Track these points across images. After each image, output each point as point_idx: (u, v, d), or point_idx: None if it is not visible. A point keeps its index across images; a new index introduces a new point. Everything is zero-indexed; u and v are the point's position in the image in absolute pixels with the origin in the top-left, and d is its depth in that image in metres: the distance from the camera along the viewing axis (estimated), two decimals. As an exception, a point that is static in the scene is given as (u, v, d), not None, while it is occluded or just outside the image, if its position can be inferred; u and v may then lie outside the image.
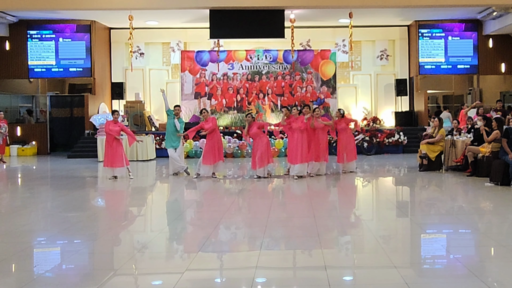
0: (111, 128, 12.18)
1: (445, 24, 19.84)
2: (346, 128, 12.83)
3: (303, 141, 11.86)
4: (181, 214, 8.74)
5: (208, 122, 12.26)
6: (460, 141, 12.60)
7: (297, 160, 11.83)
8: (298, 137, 11.84)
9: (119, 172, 12.20)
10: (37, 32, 19.52)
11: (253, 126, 12.06)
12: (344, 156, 12.75)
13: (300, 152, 11.82)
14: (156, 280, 5.16)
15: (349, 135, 12.95)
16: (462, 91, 22.05)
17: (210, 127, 12.16)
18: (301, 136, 11.84)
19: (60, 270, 5.48)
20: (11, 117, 21.55)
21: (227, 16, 17.19)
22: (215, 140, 12.25)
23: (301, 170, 11.89)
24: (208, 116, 12.46)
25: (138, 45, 20.31)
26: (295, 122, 11.94)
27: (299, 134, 11.85)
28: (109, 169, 12.15)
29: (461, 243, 6.45)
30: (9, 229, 7.17)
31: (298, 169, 11.86)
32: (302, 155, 11.83)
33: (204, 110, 12.72)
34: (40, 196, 10.64)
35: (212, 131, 12.20)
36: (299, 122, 11.88)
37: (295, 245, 6.33)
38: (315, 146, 12.09)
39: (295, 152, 11.88)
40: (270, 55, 20.20)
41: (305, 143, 11.87)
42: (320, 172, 12.33)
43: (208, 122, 12.26)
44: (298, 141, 11.84)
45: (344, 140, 12.78)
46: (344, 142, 12.77)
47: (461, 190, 10.68)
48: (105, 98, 20.43)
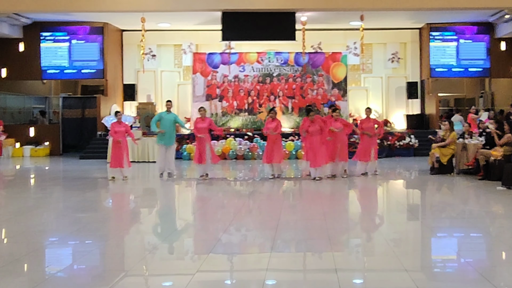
0: (117, 130, 12.25)
1: (457, 27, 19.74)
2: (372, 128, 12.70)
3: (323, 143, 11.93)
4: (192, 215, 8.78)
5: (204, 122, 12.20)
6: (471, 145, 12.53)
7: (319, 162, 11.86)
8: (317, 139, 11.85)
9: (126, 172, 12.26)
10: (51, 34, 19.67)
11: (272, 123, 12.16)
12: (370, 155, 12.60)
13: (321, 154, 11.86)
14: (167, 281, 5.20)
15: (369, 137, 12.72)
16: (474, 94, 21.95)
17: (205, 127, 12.10)
18: (319, 138, 11.87)
19: (72, 270, 5.53)
20: (24, 118, 21.77)
21: (239, 19, 17.22)
22: (204, 141, 12.12)
23: (323, 171, 11.96)
24: (205, 116, 12.39)
25: (150, 47, 20.38)
26: (312, 125, 11.90)
27: (317, 136, 11.85)
28: (114, 170, 12.23)
29: (473, 247, 6.41)
30: (22, 229, 7.25)
31: (320, 171, 11.96)
32: (324, 156, 11.90)
33: (202, 108, 12.59)
34: (53, 196, 10.73)
35: (205, 132, 12.10)
36: (318, 125, 11.95)
37: (306, 247, 6.34)
38: (333, 147, 12.12)
39: (316, 153, 11.90)
40: (281, 58, 20.21)
41: (325, 145, 11.94)
42: (335, 172, 12.30)
43: (205, 122, 12.20)
44: (317, 143, 11.86)
45: (365, 142, 12.68)
46: (367, 142, 12.66)
47: (472, 194, 10.62)
48: (117, 100, 20.55)
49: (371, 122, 12.74)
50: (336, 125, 12.14)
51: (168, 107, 13.02)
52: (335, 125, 12.13)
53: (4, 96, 20.89)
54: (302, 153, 16.99)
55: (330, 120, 12.34)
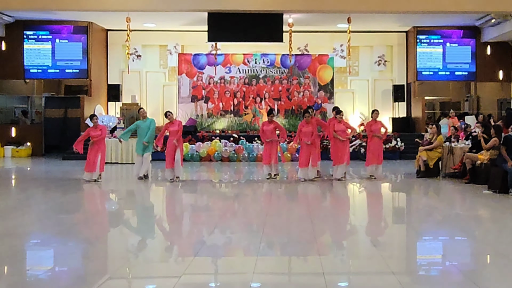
0: (92, 135, 11.99)
1: (443, 31, 19.84)
2: (378, 131, 12.58)
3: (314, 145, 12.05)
4: (177, 217, 8.66)
5: (174, 125, 12.03)
6: (458, 148, 12.56)
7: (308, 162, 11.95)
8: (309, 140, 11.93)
9: (90, 176, 12.03)
10: (34, 32, 19.40)
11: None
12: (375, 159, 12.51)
13: (313, 155, 11.98)
14: (151, 284, 5.10)
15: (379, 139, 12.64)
16: (459, 98, 22.08)
17: (176, 130, 11.91)
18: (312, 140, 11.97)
19: (54, 272, 5.39)
20: (6, 118, 21.42)
21: (225, 20, 17.12)
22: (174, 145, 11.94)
23: (312, 173, 12.07)
24: (174, 119, 12.19)
25: (135, 47, 20.21)
26: (306, 127, 12.04)
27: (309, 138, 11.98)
28: (88, 174, 11.99)
29: (458, 250, 6.41)
30: (3, 231, 7.09)
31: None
32: (314, 158, 12.01)
33: (168, 112, 12.32)
34: (34, 198, 10.53)
35: (177, 136, 11.92)
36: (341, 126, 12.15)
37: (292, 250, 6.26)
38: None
39: (306, 154, 11.98)
40: (267, 59, 20.15)
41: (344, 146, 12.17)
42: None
43: (174, 125, 12.03)
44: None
45: (376, 144, 12.59)
46: (375, 145, 12.56)
47: (458, 197, 10.63)
48: (101, 100, 20.32)
49: (379, 124, 12.63)
50: (340, 127, 12.15)
51: (143, 114, 12.73)
52: (339, 127, 12.13)
53: (-14, 96, 20.57)
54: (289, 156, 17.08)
55: (333, 122, 12.37)
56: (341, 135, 12.13)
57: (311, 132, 11.96)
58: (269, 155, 12.32)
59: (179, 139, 12.00)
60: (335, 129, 12.14)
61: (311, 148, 11.98)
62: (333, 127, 12.19)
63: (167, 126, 12.09)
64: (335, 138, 12.18)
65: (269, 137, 12.32)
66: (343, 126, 12.27)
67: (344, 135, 12.24)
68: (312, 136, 11.95)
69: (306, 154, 12.01)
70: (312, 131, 11.99)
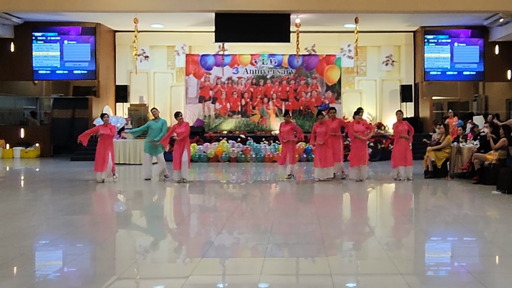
0: (103, 132, 12.06)
1: (451, 30, 19.77)
2: (405, 132, 12.46)
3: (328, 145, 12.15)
4: (185, 218, 8.67)
5: (181, 127, 12.07)
6: (466, 148, 12.49)
7: (324, 163, 12.06)
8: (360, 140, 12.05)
9: (101, 176, 12.10)
10: (42, 34, 19.53)
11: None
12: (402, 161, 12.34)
13: (328, 156, 12.09)
14: (159, 285, 5.11)
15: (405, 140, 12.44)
16: (467, 98, 21.99)
17: (183, 132, 11.97)
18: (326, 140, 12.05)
19: (63, 273, 5.42)
20: (15, 119, 21.56)
21: (232, 20, 17.15)
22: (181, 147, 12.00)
23: (327, 173, 12.19)
24: (183, 121, 12.23)
25: (142, 48, 20.29)
26: (320, 127, 12.12)
27: (323, 138, 12.08)
28: (98, 174, 12.06)
29: (467, 251, 6.37)
30: (11, 232, 7.12)
31: (326, 172, 12.16)
32: (330, 159, 12.13)
33: (180, 114, 12.31)
34: (43, 199, 10.59)
35: (184, 138, 11.98)
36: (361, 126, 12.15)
37: (300, 251, 6.26)
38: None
39: (322, 155, 12.05)
40: (275, 60, 20.16)
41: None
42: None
43: (182, 126, 12.06)
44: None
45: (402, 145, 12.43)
46: (402, 147, 12.40)
47: (467, 198, 10.58)
48: (109, 101, 20.42)
49: (405, 125, 12.47)
50: (359, 127, 12.13)
51: (155, 114, 12.81)
52: (358, 127, 12.12)
53: (-5, 97, 20.72)
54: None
55: (353, 122, 12.42)
56: (361, 136, 12.14)
57: (325, 133, 12.06)
58: (285, 155, 12.42)
59: (186, 141, 12.04)
60: (354, 130, 12.14)
61: (325, 148, 12.04)
62: (352, 127, 12.19)
63: (174, 127, 12.14)
64: (355, 139, 12.15)
65: (286, 137, 12.38)
66: (362, 126, 12.24)
67: (363, 135, 12.24)
68: (325, 137, 12.03)
69: (320, 154, 12.08)
70: (326, 131, 12.07)
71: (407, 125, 12.55)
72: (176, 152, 11.98)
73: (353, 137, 12.21)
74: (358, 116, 12.40)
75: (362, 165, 12.16)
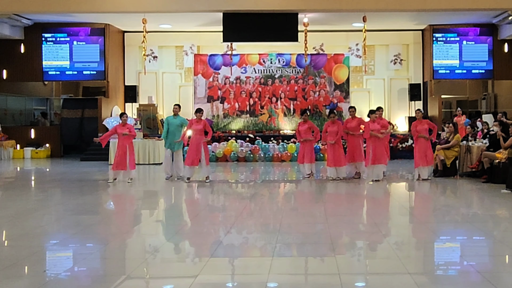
0: (119, 132, 12.17)
1: (460, 29, 19.68)
2: (426, 131, 12.29)
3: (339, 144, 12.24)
4: (194, 217, 8.71)
5: (199, 124, 12.07)
6: (475, 147, 12.44)
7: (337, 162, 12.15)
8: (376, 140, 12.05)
9: (131, 174, 12.21)
10: (52, 35, 19.65)
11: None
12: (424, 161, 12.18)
13: (340, 155, 12.22)
14: (168, 285, 5.15)
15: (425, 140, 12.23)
16: (476, 96, 21.87)
17: (201, 129, 12.04)
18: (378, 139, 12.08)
19: (73, 273, 5.47)
20: (25, 119, 21.72)
21: (240, 20, 17.17)
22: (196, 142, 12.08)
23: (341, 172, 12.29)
24: (201, 118, 12.22)
25: (151, 48, 20.36)
26: (332, 126, 12.18)
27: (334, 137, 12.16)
28: (116, 172, 12.16)
29: (476, 250, 6.36)
30: (22, 232, 7.19)
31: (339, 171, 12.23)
32: (342, 158, 12.23)
33: (200, 110, 12.34)
34: (53, 199, 10.68)
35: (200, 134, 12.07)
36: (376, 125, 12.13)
37: (308, 251, 6.28)
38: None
39: (334, 154, 12.14)
40: (283, 59, 20.17)
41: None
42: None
43: (200, 124, 12.08)
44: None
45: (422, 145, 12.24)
46: (422, 146, 12.22)
47: (476, 197, 10.54)
48: (118, 101, 20.51)
49: (425, 124, 12.31)
50: (375, 126, 12.10)
51: (175, 111, 12.90)
52: (373, 126, 12.09)
53: (5, 98, 20.86)
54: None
55: (369, 121, 12.40)
56: (378, 134, 12.08)
57: (336, 132, 12.12)
58: (303, 154, 12.48)
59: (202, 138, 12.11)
60: (370, 129, 12.13)
61: (337, 147, 12.10)
62: (368, 126, 12.18)
63: (191, 123, 12.20)
64: (370, 138, 12.10)
65: (304, 136, 12.42)
66: (377, 125, 12.20)
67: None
68: (337, 136, 12.06)
69: (331, 153, 12.11)
70: (337, 130, 12.12)
71: (427, 123, 12.38)
72: (193, 148, 12.01)
73: (369, 136, 12.16)
74: (374, 115, 12.35)
75: (377, 165, 12.08)
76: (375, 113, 12.45)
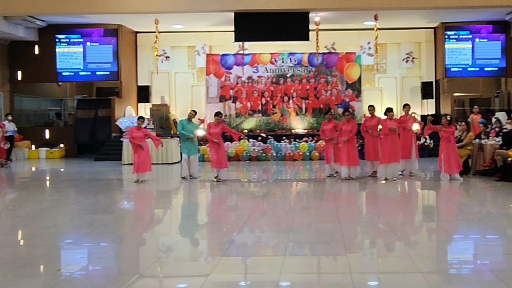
0: (134, 136, 12.23)
1: (472, 26, 19.54)
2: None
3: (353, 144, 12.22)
4: (206, 217, 8.77)
5: (217, 127, 12.15)
6: (488, 145, 12.37)
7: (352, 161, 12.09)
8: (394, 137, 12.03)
9: (147, 176, 12.32)
10: (65, 36, 19.82)
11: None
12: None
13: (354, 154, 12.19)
14: (181, 283, 5.20)
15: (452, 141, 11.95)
16: (489, 94, 21.70)
17: (217, 132, 12.11)
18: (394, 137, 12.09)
19: (87, 271, 5.55)
20: (40, 120, 21.94)
21: (252, 19, 17.22)
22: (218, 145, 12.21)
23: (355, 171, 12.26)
24: (220, 121, 12.30)
25: (163, 48, 20.46)
26: (347, 125, 12.14)
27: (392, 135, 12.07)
28: (137, 175, 12.26)
29: (489, 249, 6.34)
30: (37, 231, 7.29)
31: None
32: (356, 157, 12.21)
33: (219, 113, 12.42)
34: (67, 198, 10.80)
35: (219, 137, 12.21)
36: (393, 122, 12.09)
37: (320, 250, 6.31)
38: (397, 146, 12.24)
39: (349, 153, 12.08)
40: (294, 58, 20.18)
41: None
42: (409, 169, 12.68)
43: (218, 127, 12.16)
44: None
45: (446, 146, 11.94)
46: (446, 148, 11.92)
47: (489, 195, 10.49)
48: (131, 102, 20.65)
49: (453, 127, 12.15)
50: (392, 124, 12.03)
51: (190, 116, 13.00)
52: (390, 124, 12.03)
53: (20, 99, 21.08)
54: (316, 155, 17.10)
55: (385, 119, 12.32)
56: (393, 132, 12.00)
57: (351, 130, 12.05)
58: (331, 154, 12.48)
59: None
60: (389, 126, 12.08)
61: (351, 146, 12.05)
62: (385, 124, 12.14)
63: (210, 126, 12.32)
64: (386, 136, 12.05)
65: (328, 135, 12.44)
66: (394, 123, 12.12)
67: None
68: (351, 134, 12.02)
69: (345, 152, 12.04)
70: (352, 129, 12.06)
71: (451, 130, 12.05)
72: (215, 150, 12.12)
73: (386, 133, 12.08)
74: (391, 114, 12.30)
75: (391, 163, 12.03)
76: (390, 112, 12.36)
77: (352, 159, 12.08)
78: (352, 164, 12.10)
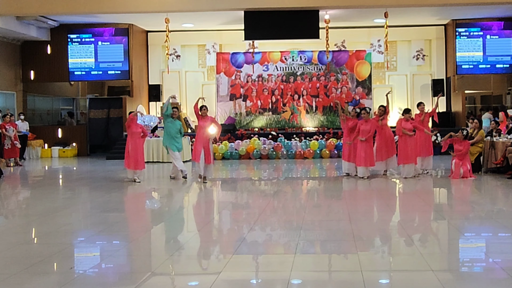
0: (134, 131, 12.15)
1: (483, 23, 19.41)
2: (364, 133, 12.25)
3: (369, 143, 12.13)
4: (217, 215, 8.82)
5: (205, 120, 11.83)
6: (500, 142, 12.31)
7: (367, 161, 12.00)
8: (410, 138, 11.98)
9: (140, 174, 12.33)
10: (77, 36, 19.94)
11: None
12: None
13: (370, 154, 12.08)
14: (193, 281, 5.24)
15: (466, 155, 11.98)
16: (501, 91, 21.54)
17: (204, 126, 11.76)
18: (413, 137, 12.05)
19: (100, 269, 5.61)
20: (53, 119, 22.13)
21: (262, 18, 17.23)
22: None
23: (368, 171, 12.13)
24: (207, 115, 11.93)
25: (174, 47, 20.55)
26: (365, 125, 12.06)
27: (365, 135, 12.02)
28: (131, 171, 12.26)
29: (501, 247, 6.29)
30: (50, 229, 7.37)
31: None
32: (372, 156, 12.10)
33: (203, 107, 11.97)
34: (80, 197, 10.90)
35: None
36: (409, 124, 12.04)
37: (331, 248, 6.33)
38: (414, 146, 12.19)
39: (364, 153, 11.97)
40: (305, 56, 20.16)
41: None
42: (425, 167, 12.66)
43: (206, 120, 11.84)
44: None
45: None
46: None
47: (501, 193, 10.45)
48: (142, 100, 20.75)
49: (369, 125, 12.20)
50: (407, 125, 12.00)
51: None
52: (406, 125, 12.00)
53: (33, 98, 21.26)
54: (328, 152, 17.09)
55: (401, 119, 12.31)
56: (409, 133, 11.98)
57: (369, 130, 11.95)
58: (349, 153, 12.39)
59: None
60: (403, 127, 12.03)
61: (368, 146, 11.98)
62: (401, 125, 12.09)
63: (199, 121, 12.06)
64: (402, 136, 12.00)
65: (364, 136, 12.32)
66: (410, 125, 12.08)
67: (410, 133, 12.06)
68: (369, 134, 11.94)
69: (363, 152, 11.94)
70: (370, 129, 11.96)
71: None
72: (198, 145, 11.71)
73: (401, 134, 12.03)
74: (408, 115, 12.24)
75: (407, 164, 11.98)
76: (408, 113, 12.29)
77: (369, 159, 12.01)
78: (369, 164, 12.05)
